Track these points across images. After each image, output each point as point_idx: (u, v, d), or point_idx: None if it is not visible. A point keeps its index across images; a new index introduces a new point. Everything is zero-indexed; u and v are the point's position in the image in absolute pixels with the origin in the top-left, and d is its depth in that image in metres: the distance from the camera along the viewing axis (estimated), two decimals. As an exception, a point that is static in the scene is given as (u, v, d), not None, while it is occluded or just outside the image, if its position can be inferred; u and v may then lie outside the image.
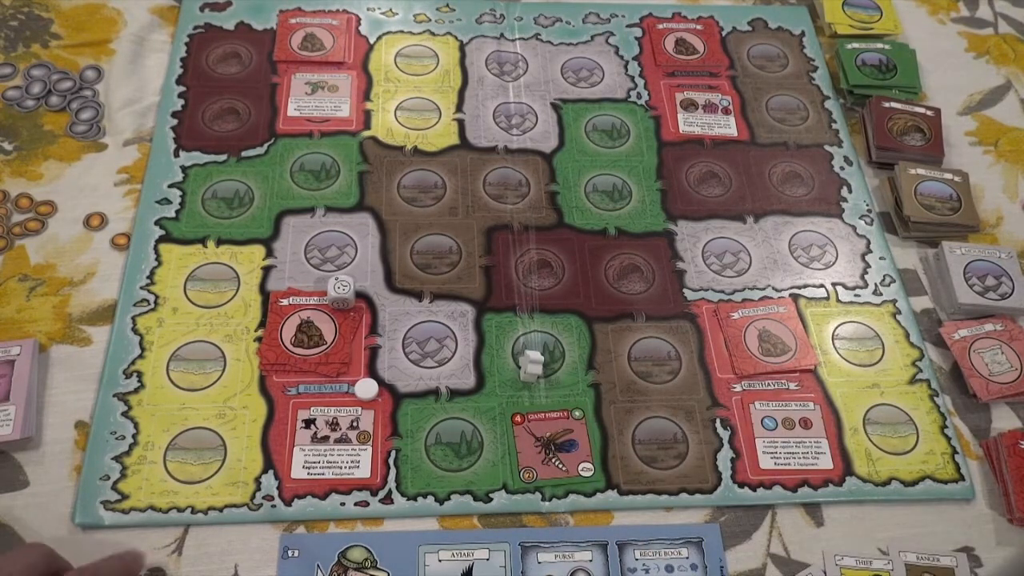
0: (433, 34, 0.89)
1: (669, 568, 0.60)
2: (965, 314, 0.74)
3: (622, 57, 0.89)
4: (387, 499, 0.62)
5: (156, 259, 0.71)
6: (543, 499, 0.63)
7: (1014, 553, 0.63)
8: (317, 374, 0.67)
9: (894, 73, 0.89)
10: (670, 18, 0.93)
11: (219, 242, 0.73)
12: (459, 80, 0.85)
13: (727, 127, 0.85)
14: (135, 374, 0.66)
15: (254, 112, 0.81)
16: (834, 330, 0.73)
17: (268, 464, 0.63)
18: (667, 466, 0.65)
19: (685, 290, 0.74)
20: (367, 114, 0.82)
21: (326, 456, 0.63)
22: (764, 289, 0.74)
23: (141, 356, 0.66)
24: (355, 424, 0.65)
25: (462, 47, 0.88)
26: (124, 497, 0.60)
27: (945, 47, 0.94)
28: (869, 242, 0.78)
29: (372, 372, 0.67)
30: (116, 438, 0.63)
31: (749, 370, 0.69)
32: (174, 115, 0.80)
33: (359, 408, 0.65)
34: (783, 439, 0.67)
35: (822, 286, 0.75)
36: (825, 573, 0.61)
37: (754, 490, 0.64)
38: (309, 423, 0.64)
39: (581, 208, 0.78)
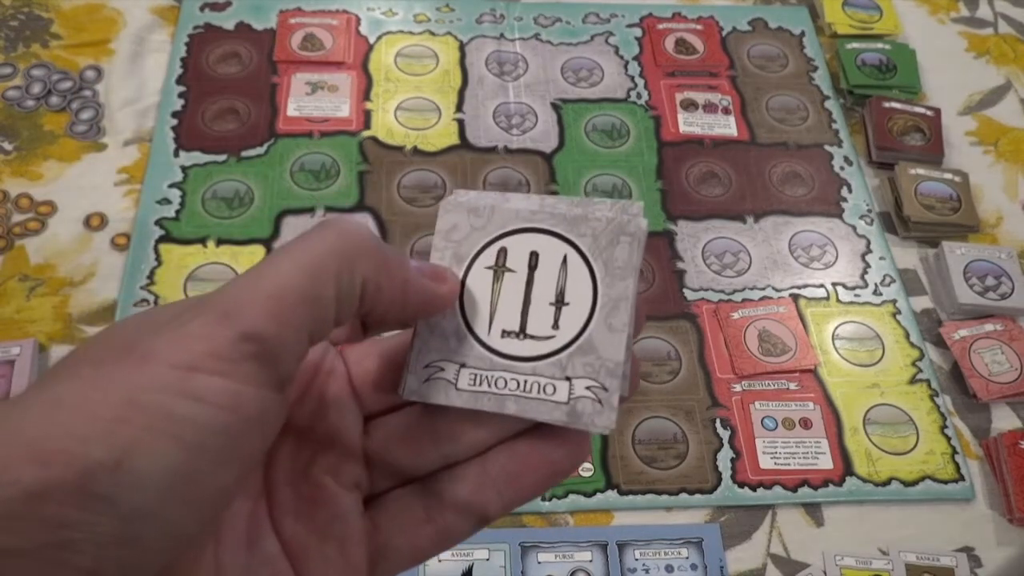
0: (433, 34, 0.89)
1: (669, 568, 0.60)
2: (965, 314, 0.74)
3: (622, 57, 0.89)
4: (387, 499, 0.62)
5: (156, 259, 0.71)
6: (543, 499, 0.63)
7: (1014, 553, 0.63)
8: (317, 374, 0.67)
9: (894, 73, 0.89)
10: (670, 18, 0.93)
11: (219, 242, 0.73)
12: (459, 80, 0.85)
13: (727, 127, 0.85)
14: (135, 374, 0.65)
15: (254, 112, 0.81)
16: (834, 330, 0.73)
17: (268, 464, 0.62)
18: (667, 466, 0.65)
19: (685, 290, 0.74)
20: (367, 114, 0.82)
21: (326, 456, 0.63)
22: (764, 289, 0.74)
23: (141, 356, 0.66)
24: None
25: (462, 47, 0.88)
26: (124, 497, 0.60)
27: (945, 47, 0.94)
28: (869, 242, 0.78)
29: (372, 372, 0.67)
30: (116, 438, 0.63)
31: (749, 370, 0.69)
32: (174, 115, 0.80)
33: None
34: (783, 439, 0.67)
35: (822, 286, 0.75)
36: (825, 573, 0.61)
37: (754, 490, 0.64)
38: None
39: (581, 208, 0.78)
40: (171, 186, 0.76)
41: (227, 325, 0.21)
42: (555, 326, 0.27)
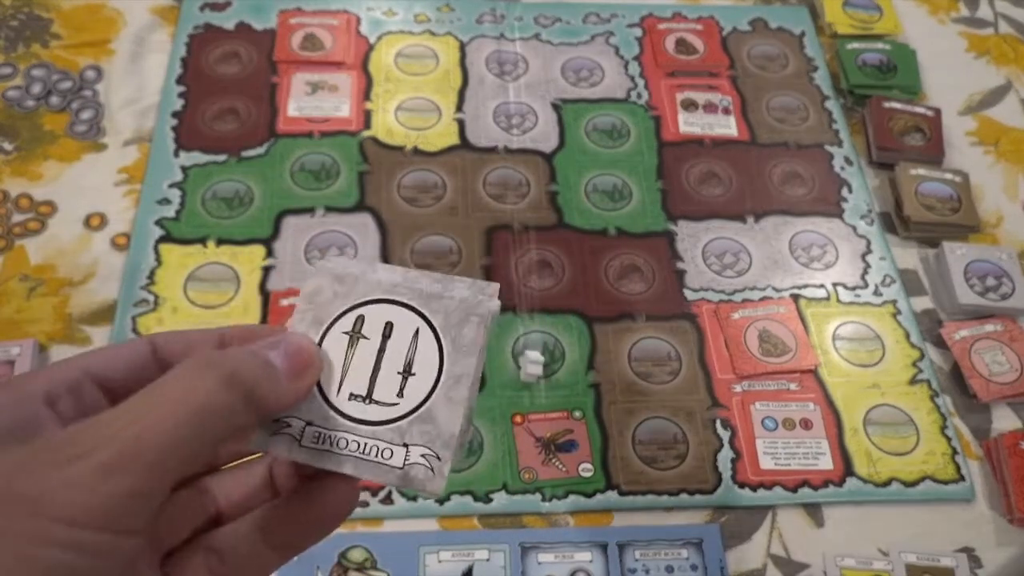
0: (433, 34, 0.89)
1: (669, 569, 0.60)
2: (965, 314, 0.74)
3: (622, 57, 0.89)
4: (387, 499, 0.62)
5: (156, 259, 0.71)
6: (543, 499, 0.63)
7: (1014, 553, 0.63)
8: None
9: (894, 73, 0.89)
10: (670, 18, 0.93)
11: (219, 242, 0.73)
12: (459, 80, 0.85)
13: (727, 127, 0.85)
14: (135, 374, 0.65)
15: (254, 112, 0.81)
16: (834, 330, 0.73)
17: (268, 464, 0.62)
18: (667, 466, 0.65)
19: (685, 290, 0.74)
20: (367, 114, 0.82)
21: (326, 456, 0.63)
22: (764, 289, 0.74)
23: (141, 356, 0.66)
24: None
25: (462, 47, 0.88)
26: (124, 497, 0.60)
27: (945, 47, 0.94)
28: (869, 242, 0.78)
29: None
30: (116, 438, 0.63)
31: (749, 370, 0.69)
32: (174, 115, 0.80)
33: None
34: (783, 439, 0.66)
35: (822, 286, 0.75)
36: (825, 574, 0.61)
37: (754, 490, 0.64)
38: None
39: (581, 208, 0.78)
40: (171, 186, 0.76)
41: (111, 481, 0.23)
42: (400, 394, 0.29)
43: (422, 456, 0.28)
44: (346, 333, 0.30)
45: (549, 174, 0.79)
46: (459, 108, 0.83)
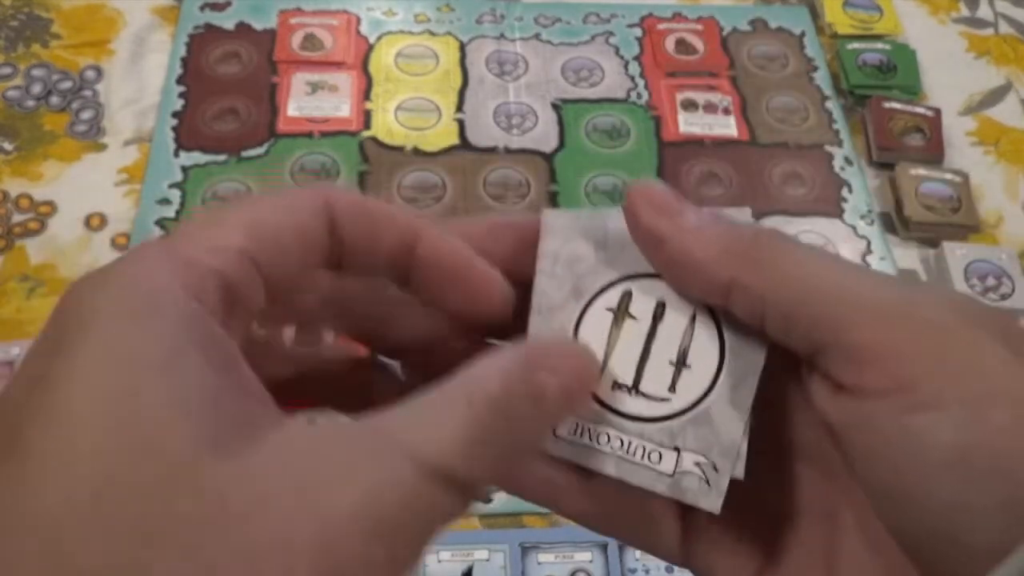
0: (433, 34, 0.89)
1: (669, 569, 0.60)
2: (965, 314, 0.74)
3: (622, 57, 0.89)
4: (387, 499, 0.62)
5: (156, 259, 0.71)
6: (543, 499, 0.63)
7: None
8: (317, 374, 0.66)
9: (894, 73, 0.89)
10: (670, 18, 0.93)
11: (219, 242, 0.73)
12: (459, 80, 0.85)
13: (727, 127, 0.85)
14: (135, 374, 0.65)
15: (254, 112, 0.81)
16: (834, 330, 0.73)
17: (268, 464, 0.62)
18: (667, 467, 0.65)
19: (685, 290, 0.73)
20: (367, 114, 0.82)
21: (326, 456, 0.63)
22: (764, 289, 0.74)
23: (141, 356, 0.66)
24: (355, 424, 0.65)
25: (462, 47, 0.88)
26: (124, 497, 0.60)
27: (945, 47, 0.94)
28: (869, 243, 0.78)
29: (372, 372, 0.67)
30: (116, 438, 0.63)
31: (749, 370, 0.69)
32: (174, 115, 0.80)
33: (359, 408, 0.65)
34: (783, 440, 0.66)
35: (822, 286, 0.75)
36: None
37: (754, 491, 0.64)
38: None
39: (582, 208, 0.78)
40: (171, 186, 0.76)
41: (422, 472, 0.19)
42: (672, 388, 0.25)
43: (696, 464, 0.24)
44: (611, 310, 0.25)
45: (549, 174, 0.79)
46: (459, 108, 0.83)
